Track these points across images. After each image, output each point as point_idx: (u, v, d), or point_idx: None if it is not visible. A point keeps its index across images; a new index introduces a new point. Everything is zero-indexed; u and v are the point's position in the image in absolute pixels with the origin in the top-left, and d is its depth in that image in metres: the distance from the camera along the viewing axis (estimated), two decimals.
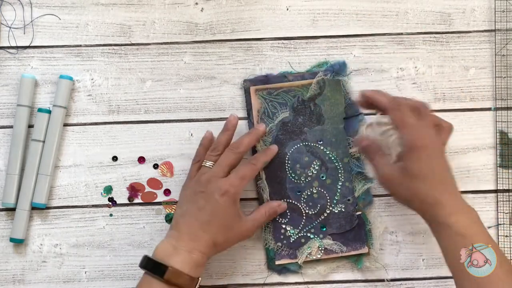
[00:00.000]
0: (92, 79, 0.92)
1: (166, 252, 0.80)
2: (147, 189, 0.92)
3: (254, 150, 0.90)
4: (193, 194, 0.83)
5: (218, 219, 0.82)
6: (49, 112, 0.90)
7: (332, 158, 0.90)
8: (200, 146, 0.88)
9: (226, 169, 0.84)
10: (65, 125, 0.92)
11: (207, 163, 0.85)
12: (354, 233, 0.90)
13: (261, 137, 0.89)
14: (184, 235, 0.81)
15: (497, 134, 0.92)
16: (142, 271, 0.83)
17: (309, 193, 0.90)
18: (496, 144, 0.92)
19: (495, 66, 0.92)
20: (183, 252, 0.80)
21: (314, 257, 0.89)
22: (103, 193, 0.92)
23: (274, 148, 0.89)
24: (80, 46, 0.92)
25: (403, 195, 0.80)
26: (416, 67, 0.92)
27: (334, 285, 0.91)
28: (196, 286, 0.80)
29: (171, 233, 0.82)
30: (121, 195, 0.92)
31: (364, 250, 0.90)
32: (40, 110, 0.90)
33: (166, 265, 0.79)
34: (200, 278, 0.81)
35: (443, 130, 0.83)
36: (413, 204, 0.80)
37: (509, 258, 0.90)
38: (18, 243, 0.90)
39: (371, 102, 0.83)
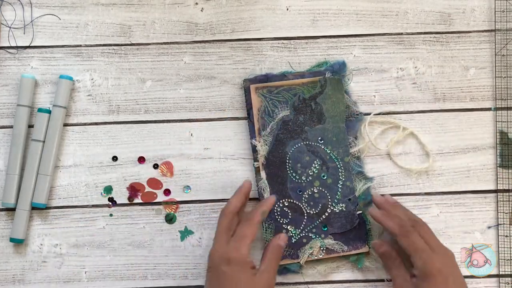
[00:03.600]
0: (92, 79, 0.92)
1: None
2: (147, 189, 0.92)
3: (254, 150, 0.90)
4: (206, 276, 0.81)
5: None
6: (49, 112, 0.90)
7: (333, 157, 0.90)
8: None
9: (224, 236, 0.81)
10: (65, 125, 0.92)
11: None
12: (355, 232, 0.90)
13: (248, 193, 0.86)
14: None
15: (497, 134, 0.92)
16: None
17: (310, 193, 0.90)
18: (496, 144, 0.92)
19: (495, 66, 0.92)
20: None
21: (316, 257, 0.89)
22: (103, 193, 0.91)
23: (271, 199, 0.86)
24: (80, 46, 0.92)
25: None
26: (416, 67, 0.92)
27: (334, 285, 0.91)
28: None
29: None
30: (121, 195, 0.92)
31: (365, 249, 0.90)
32: (40, 110, 0.90)
33: None
34: None
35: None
36: None
37: (509, 258, 0.90)
38: (18, 243, 0.90)
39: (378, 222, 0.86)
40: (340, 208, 0.90)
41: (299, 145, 0.90)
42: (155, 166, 0.92)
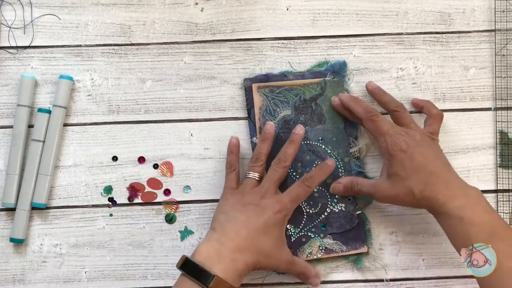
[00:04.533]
0: (92, 79, 0.92)
1: (209, 257, 0.78)
2: (147, 189, 0.92)
3: (254, 148, 0.90)
4: (242, 205, 0.82)
5: (266, 236, 0.80)
6: (49, 112, 0.90)
7: (333, 157, 0.90)
8: (231, 154, 0.87)
9: (276, 184, 0.84)
10: (65, 125, 0.92)
11: (251, 174, 0.85)
12: (354, 233, 0.90)
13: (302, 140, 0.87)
14: (230, 242, 0.79)
15: (497, 134, 0.92)
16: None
17: None
18: (496, 144, 0.92)
19: (495, 66, 0.92)
20: (227, 260, 0.78)
21: (315, 256, 0.89)
22: (103, 193, 0.91)
23: (332, 163, 0.86)
24: (80, 46, 0.92)
25: (403, 199, 0.82)
26: (416, 67, 0.92)
27: (334, 285, 0.91)
28: None
29: (215, 236, 0.80)
30: (121, 195, 0.92)
31: (364, 249, 0.90)
32: (40, 110, 0.90)
33: (211, 273, 0.76)
34: None
35: (433, 118, 0.87)
36: (412, 203, 0.82)
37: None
38: (18, 243, 0.90)
39: (347, 108, 0.88)
40: (340, 208, 0.90)
41: (300, 144, 0.90)
42: (155, 166, 0.92)
